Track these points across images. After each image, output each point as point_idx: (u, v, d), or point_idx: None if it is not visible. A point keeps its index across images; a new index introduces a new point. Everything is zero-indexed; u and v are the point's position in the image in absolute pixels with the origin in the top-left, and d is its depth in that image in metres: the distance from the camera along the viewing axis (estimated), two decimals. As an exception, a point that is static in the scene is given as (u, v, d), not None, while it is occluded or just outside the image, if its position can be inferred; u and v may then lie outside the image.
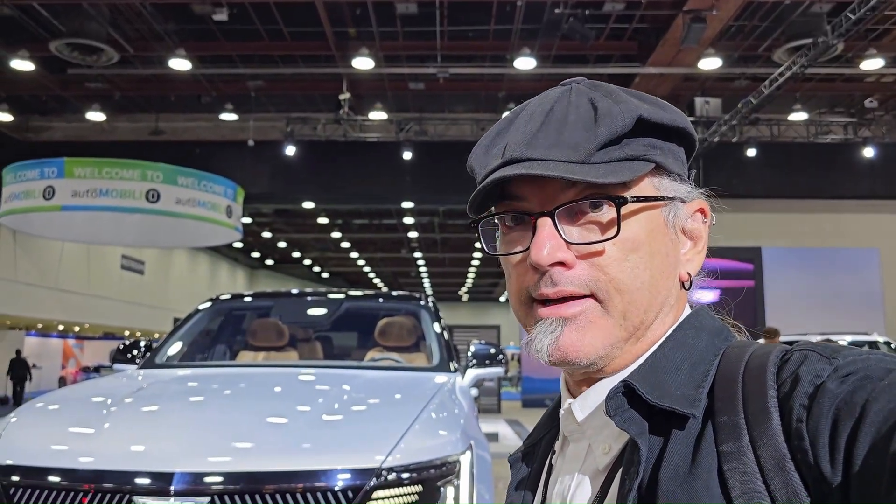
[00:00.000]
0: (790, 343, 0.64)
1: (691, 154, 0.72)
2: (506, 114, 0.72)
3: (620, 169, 0.63)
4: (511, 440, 13.01)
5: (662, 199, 0.67)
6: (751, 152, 14.35)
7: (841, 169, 15.17)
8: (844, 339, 10.13)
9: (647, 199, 0.66)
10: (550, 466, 0.74)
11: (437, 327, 3.83)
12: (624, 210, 0.64)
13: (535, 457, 0.78)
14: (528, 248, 0.65)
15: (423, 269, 34.40)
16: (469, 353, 3.64)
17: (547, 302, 0.65)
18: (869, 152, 14.49)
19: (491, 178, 0.65)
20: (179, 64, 11.89)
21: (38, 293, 19.24)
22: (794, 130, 14.77)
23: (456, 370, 3.43)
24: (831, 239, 15.54)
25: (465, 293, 42.78)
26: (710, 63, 11.47)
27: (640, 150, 0.65)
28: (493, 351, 3.64)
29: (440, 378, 3.18)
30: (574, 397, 0.70)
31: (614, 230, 0.63)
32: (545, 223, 0.64)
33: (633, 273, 0.64)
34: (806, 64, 10.38)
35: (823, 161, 15.14)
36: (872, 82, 13.75)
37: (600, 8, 11.02)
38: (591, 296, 0.64)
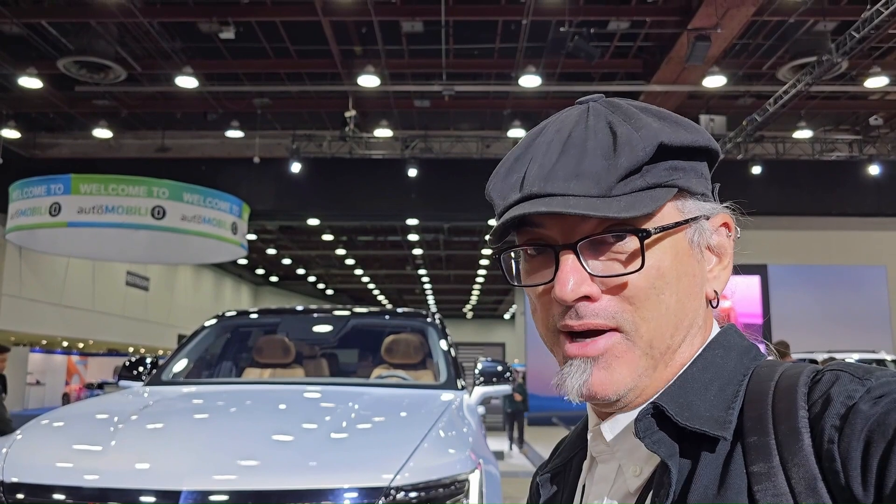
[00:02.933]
0: (801, 361, 0.63)
1: (713, 166, 0.71)
2: (515, 133, 0.71)
3: (642, 199, 0.63)
4: (516, 458, 12.91)
5: (686, 221, 0.66)
6: (756, 170, 14.35)
7: (846, 186, 15.15)
8: (852, 357, 10.07)
9: (670, 226, 0.65)
10: (584, 487, 0.73)
11: (444, 344, 3.81)
12: (647, 241, 0.63)
13: (566, 477, 0.76)
14: (551, 281, 0.64)
15: (427, 286, 34.39)
16: (476, 371, 3.62)
17: (574, 336, 0.65)
18: (874, 170, 14.48)
19: (510, 216, 0.64)
20: (186, 81, 11.97)
21: (42, 309, 19.26)
22: (800, 148, 14.78)
23: (463, 388, 3.41)
24: (837, 256, 15.50)
25: (470, 310, 42.71)
26: (715, 81, 11.50)
27: (661, 177, 0.64)
28: (500, 368, 3.62)
29: (448, 396, 3.16)
30: (602, 419, 0.69)
31: (639, 262, 0.63)
32: (568, 257, 0.63)
33: (659, 300, 0.64)
34: (810, 82, 10.40)
35: (829, 178, 15.13)
36: (877, 100, 13.77)
37: (605, 26, 11.07)
38: (616, 329, 0.64)
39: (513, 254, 0.70)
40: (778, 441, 0.56)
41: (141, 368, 3.61)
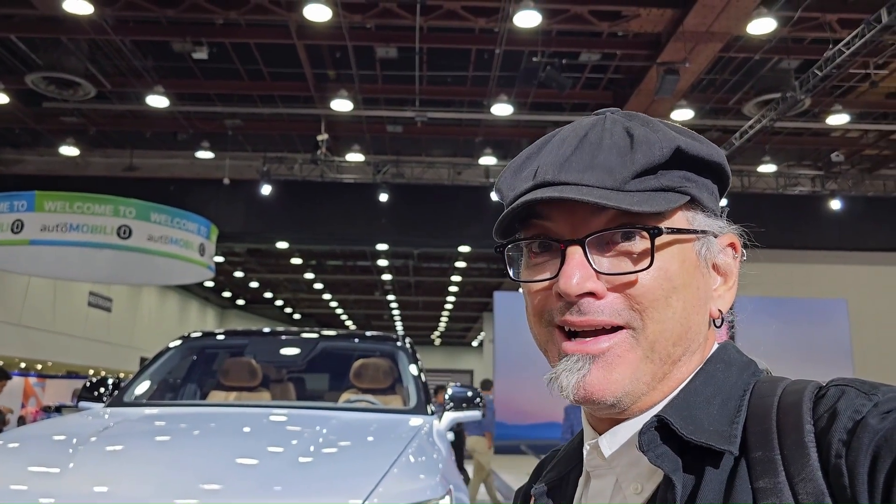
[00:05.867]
0: None
1: (724, 191, 0.72)
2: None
3: (656, 198, 0.62)
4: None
5: (696, 232, 0.66)
6: (721, 202, 14.57)
7: (809, 220, 15.48)
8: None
9: (680, 231, 0.64)
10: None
11: (414, 369, 3.77)
12: (657, 241, 0.62)
13: (564, 492, 0.75)
14: (555, 276, 0.63)
15: (395, 312, 34.22)
16: (446, 396, 3.59)
17: (572, 335, 0.63)
18: (836, 205, 14.82)
19: (522, 200, 0.63)
20: (157, 101, 11.87)
21: (0, 329, 18.74)
22: (764, 182, 15.09)
23: (433, 413, 3.38)
24: (800, 289, 15.77)
25: (438, 337, 42.56)
26: (683, 114, 11.73)
27: (675, 182, 0.64)
28: (470, 394, 3.59)
29: (417, 421, 3.12)
30: (599, 432, 0.67)
31: (647, 261, 0.62)
32: (575, 252, 0.62)
33: (667, 303, 0.63)
34: (774, 118, 10.66)
35: (792, 212, 15.45)
36: (838, 137, 14.14)
37: (576, 58, 11.25)
38: (623, 326, 0.62)
39: (513, 254, 0.69)
40: (784, 456, 0.56)
41: (102, 389, 3.52)
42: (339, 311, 34.68)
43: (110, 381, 3.58)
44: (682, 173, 0.65)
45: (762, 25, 9.18)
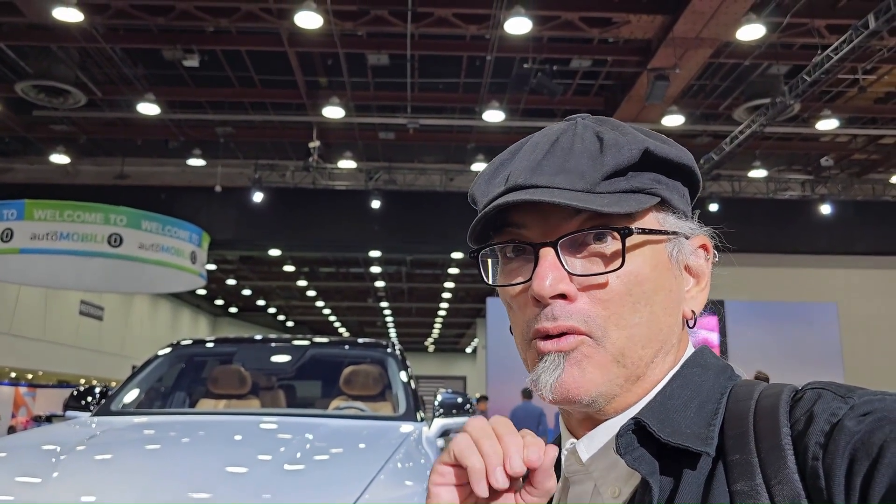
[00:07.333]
0: None
1: (695, 195, 0.72)
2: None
3: (626, 200, 0.63)
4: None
5: (667, 233, 0.66)
6: (713, 207, 14.66)
7: (799, 225, 15.54)
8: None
9: (652, 231, 0.65)
10: None
11: (403, 376, 3.76)
12: (629, 242, 0.63)
13: None
14: (529, 280, 0.63)
15: (389, 318, 34.16)
16: (436, 402, 3.58)
17: (547, 337, 0.64)
18: (825, 209, 14.89)
19: (494, 204, 0.63)
20: (148, 108, 11.84)
21: (-10, 338, 18.63)
22: (755, 187, 15.16)
23: (423, 419, 3.37)
24: (790, 293, 15.82)
25: (432, 344, 42.51)
26: (673, 120, 11.78)
27: (645, 184, 0.65)
28: (460, 400, 3.58)
29: (406, 427, 3.12)
30: (576, 437, 0.68)
31: (619, 262, 0.62)
32: (547, 254, 0.63)
33: (634, 308, 0.63)
34: (764, 123, 10.71)
35: (782, 217, 15.51)
36: (828, 142, 14.22)
37: (567, 64, 11.29)
38: (587, 334, 0.63)
39: (490, 260, 0.70)
40: (761, 459, 0.56)
41: (89, 398, 3.49)
42: (332, 318, 34.61)
43: (97, 390, 3.56)
44: (653, 175, 0.66)
45: (751, 31, 9.23)
